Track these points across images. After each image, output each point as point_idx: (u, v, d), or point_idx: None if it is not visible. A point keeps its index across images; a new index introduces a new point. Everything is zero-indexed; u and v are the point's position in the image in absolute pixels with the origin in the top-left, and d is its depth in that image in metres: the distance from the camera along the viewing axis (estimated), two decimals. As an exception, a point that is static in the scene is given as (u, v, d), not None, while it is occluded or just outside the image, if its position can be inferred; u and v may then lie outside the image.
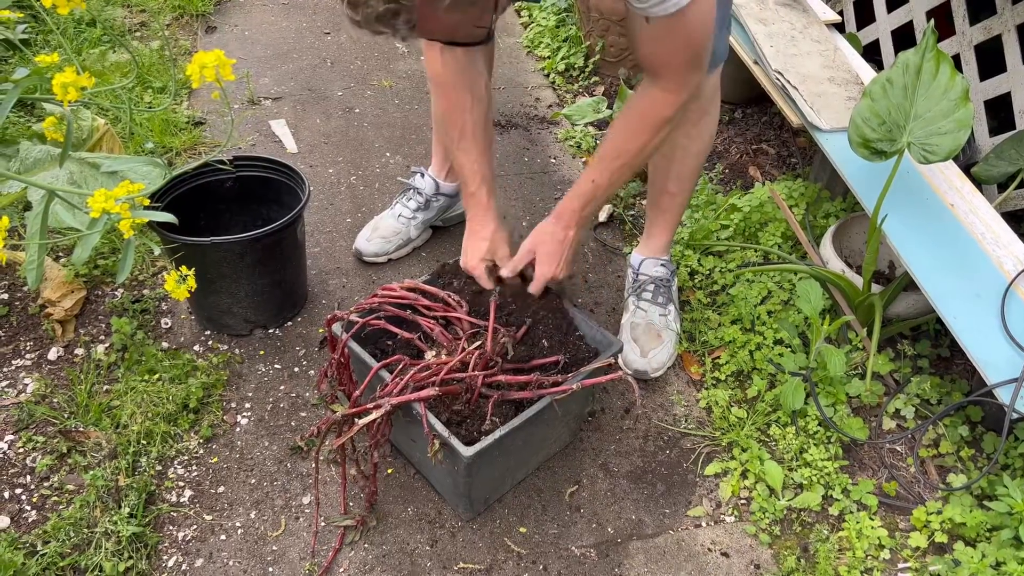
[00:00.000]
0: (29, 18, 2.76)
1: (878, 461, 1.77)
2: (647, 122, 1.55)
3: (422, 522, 1.61)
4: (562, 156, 2.66)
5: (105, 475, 1.59)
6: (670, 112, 1.53)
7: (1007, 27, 2.09)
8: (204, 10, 3.26)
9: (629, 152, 1.58)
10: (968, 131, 1.70)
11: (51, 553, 1.47)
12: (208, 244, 1.75)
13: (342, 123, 2.75)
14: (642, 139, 1.56)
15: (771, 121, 2.78)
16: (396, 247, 2.19)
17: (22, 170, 1.68)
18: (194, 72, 1.32)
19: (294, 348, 1.95)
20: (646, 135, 1.56)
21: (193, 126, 2.62)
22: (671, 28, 1.39)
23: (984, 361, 1.62)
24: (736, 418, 1.83)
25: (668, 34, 1.41)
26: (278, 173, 1.97)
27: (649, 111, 1.55)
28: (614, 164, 1.60)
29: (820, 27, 2.40)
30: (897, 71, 1.77)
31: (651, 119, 1.55)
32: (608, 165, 1.61)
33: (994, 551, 1.54)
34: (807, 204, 2.32)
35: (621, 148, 1.59)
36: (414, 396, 1.41)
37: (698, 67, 1.50)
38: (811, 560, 1.59)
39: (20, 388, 1.79)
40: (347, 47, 3.19)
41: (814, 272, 1.95)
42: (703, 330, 2.02)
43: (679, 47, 1.44)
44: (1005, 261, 1.76)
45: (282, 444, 1.74)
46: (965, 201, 1.89)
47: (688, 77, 1.49)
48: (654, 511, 1.67)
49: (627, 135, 1.58)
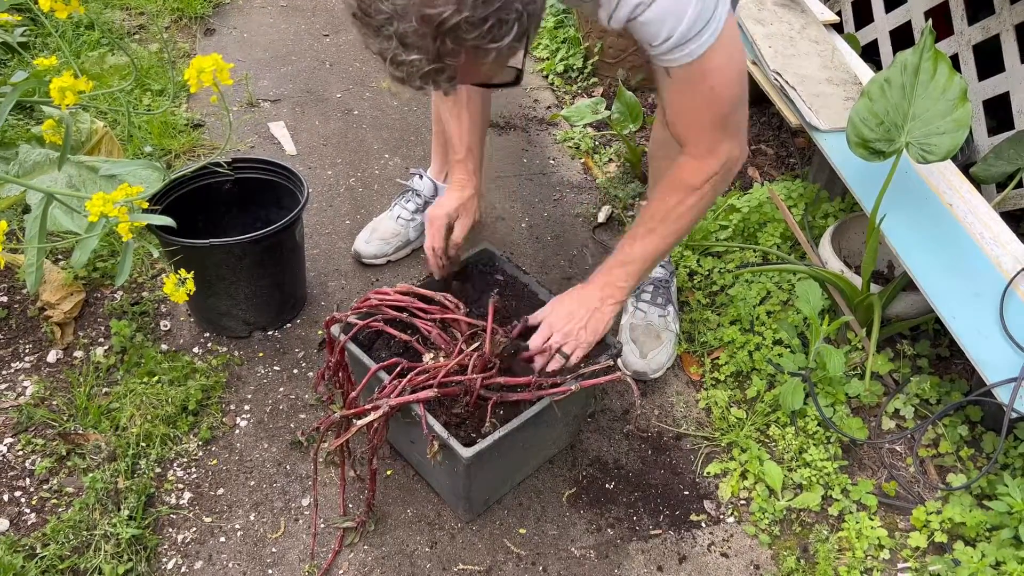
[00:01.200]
0: (28, 21, 2.77)
1: (877, 461, 1.77)
2: (673, 189, 1.50)
3: (422, 523, 1.61)
4: (561, 157, 2.66)
5: (104, 477, 1.59)
6: (696, 181, 1.47)
7: (1005, 27, 2.09)
8: (203, 12, 3.26)
9: (655, 219, 1.53)
10: (966, 131, 1.70)
11: (50, 556, 1.48)
12: (207, 246, 1.75)
13: (341, 125, 2.75)
14: (668, 205, 1.51)
15: (770, 121, 2.78)
16: (395, 249, 2.19)
17: (21, 173, 1.68)
18: (192, 77, 1.33)
19: (293, 350, 1.95)
20: (672, 201, 1.51)
21: (192, 128, 2.62)
22: (691, 82, 1.35)
23: (983, 361, 1.62)
24: (735, 419, 1.83)
25: (689, 89, 1.37)
26: (277, 175, 1.97)
27: (676, 178, 1.50)
28: (641, 231, 1.55)
29: (818, 28, 2.41)
30: (895, 71, 1.77)
31: (677, 186, 1.49)
32: (636, 232, 1.56)
33: (994, 551, 1.53)
34: (806, 204, 2.32)
35: (649, 215, 1.55)
36: (413, 398, 1.41)
37: (728, 132, 1.43)
38: (811, 560, 1.59)
39: (19, 391, 1.80)
40: (346, 49, 3.19)
41: (813, 272, 1.95)
42: (702, 331, 2.02)
43: (702, 105, 1.39)
44: (1004, 261, 1.76)
45: (281, 446, 1.74)
46: (963, 201, 1.89)
47: (715, 142, 1.43)
48: (653, 512, 1.66)
49: (656, 202, 1.54)
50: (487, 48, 1.07)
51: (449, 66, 1.08)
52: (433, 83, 1.11)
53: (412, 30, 1.03)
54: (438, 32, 1.03)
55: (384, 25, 1.04)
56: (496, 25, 1.05)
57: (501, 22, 1.05)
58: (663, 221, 1.53)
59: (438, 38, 1.04)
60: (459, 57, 1.07)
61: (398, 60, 1.07)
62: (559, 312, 1.57)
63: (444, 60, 1.07)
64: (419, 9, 1.01)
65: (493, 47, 1.07)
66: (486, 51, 1.08)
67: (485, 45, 1.07)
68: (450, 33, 1.03)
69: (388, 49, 1.07)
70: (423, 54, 1.06)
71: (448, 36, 1.04)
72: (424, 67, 1.07)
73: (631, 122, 2.44)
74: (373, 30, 1.06)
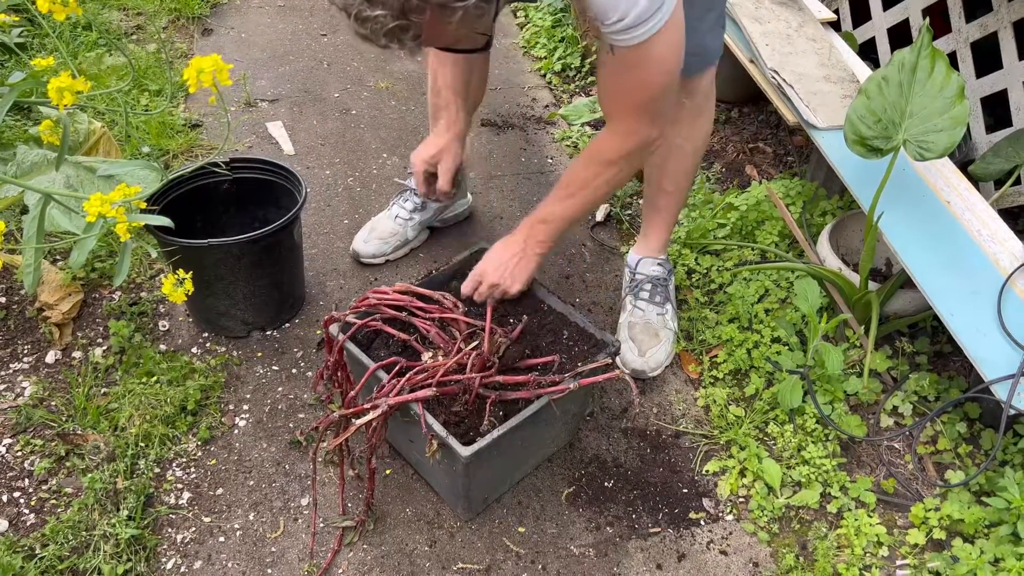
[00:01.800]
0: (25, 22, 2.76)
1: (876, 458, 1.78)
2: (591, 160, 1.57)
3: (421, 522, 1.61)
4: (559, 156, 2.66)
5: (103, 478, 1.59)
6: (613, 156, 1.52)
7: (1003, 24, 2.09)
8: (200, 13, 3.26)
9: (573, 186, 1.59)
10: (963, 128, 1.70)
11: (49, 556, 1.48)
12: (205, 246, 1.75)
13: (339, 125, 2.75)
14: (586, 176, 1.58)
15: (767, 120, 2.79)
16: (394, 248, 2.20)
17: (19, 174, 1.68)
18: (192, 77, 1.33)
19: (292, 350, 1.95)
20: (589, 173, 1.57)
21: (190, 128, 2.62)
22: (629, 64, 1.38)
23: (981, 358, 1.62)
24: (734, 416, 1.83)
25: (625, 70, 1.40)
26: (275, 175, 1.97)
27: (595, 150, 1.56)
28: (561, 194, 1.61)
29: (816, 25, 2.41)
30: (893, 69, 1.77)
31: (595, 158, 1.56)
32: (557, 194, 1.62)
33: (992, 547, 1.54)
34: (804, 202, 2.32)
35: (568, 180, 1.61)
36: (411, 397, 1.41)
37: (652, 120, 1.47)
38: (810, 558, 1.59)
39: (18, 391, 1.79)
40: (343, 49, 3.19)
41: (811, 270, 1.95)
42: (701, 329, 2.02)
43: (632, 88, 1.43)
44: (1001, 258, 1.76)
45: (280, 446, 1.74)
46: (961, 198, 1.89)
47: (639, 125, 1.47)
48: (652, 510, 1.67)
49: (576, 169, 1.60)
50: (452, 7, 1.06)
51: (414, 23, 1.07)
52: (398, 41, 1.09)
53: None
54: None
55: None
56: None
57: None
58: (582, 188, 1.59)
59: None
60: (424, 14, 1.06)
61: (362, 16, 1.06)
62: (489, 260, 1.65)
63: (409, 17, 1.06)
64: None
65: (459, 5, 1.06)
66: (452, 9, 1.06)
67: (451, 3, 1.05)
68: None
69: (353, 4, 1.05)
70: (387, 9, 1.04)
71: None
72: (388, 23, 1.06)
73: (629, 121, 2.43)
74: None
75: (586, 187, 1.59)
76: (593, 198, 1.62)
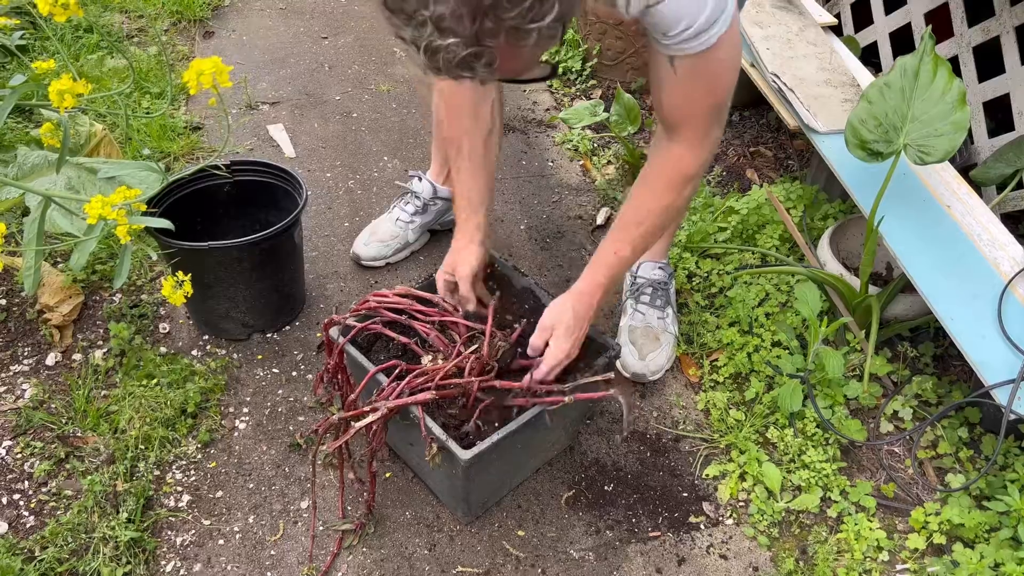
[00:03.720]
0: (27, 24, 2.77)
1: (876, 463, 1.77)
2: (669, 183, 1.48)
3: (420, 526, 1.61)
4: (559, 159, 2.66)
5: (103, 480, 1.59)
6: (692, 170, 1.46)
7: (1005, 28, 2.09)
8: (202, 15, 3.27)
9: (652, 215, 1.50)
10: (964, 134, 1.70)
11: (49, 559, 1.47)
12: (206, 249, 1.75)
13: (340, 127, 2.75)
14: (664, 201, 1.49)
15: (768, 124, 2.79)
16: (394, 251, 2.20)
17: (19, 175, 1.68)
18: (192, 79, 1.33)
19: (292, 352, 1.95)
20: (669, 197, 1.49)
21: (191, 131, 2.62)
22: (697, 70, 1.34)
23: (981, 362, 1.62)
24: (734, 420, 1.83)
25: (694, 78, 1.35)
26: (276, 178, 1.97)
27: (671, 171, 1.47)
28: (636, 232, 1.51)
29: (816, 30, 2.41)
30: (895, 75, 1.78)
31: (673, 179, 1.47)
32: (631, 234, 1.52)
33: (993, 552, 1.54)
34: (804, 206, 2.32)
35: (643, 214, 1.51)
36: (411, 400, 1.41)
37: (720, 120, 1.44)
38: (810, 562, 1.59)
39: (18, 393, 1.79)
40: (344, 52, 3.19)
41: (812, 274, 1.95)
42: (701, 332, 2.02)
43: (703, 94, 1.38)
44: (1002, 262, 1.76)
45: (280, 448, 1.74)
46: (962, 203, 1.89)
47: (711, 130, 1.43)
48: (652, 514, 1.66)
49: (648, 199, 1.50)
50: (527, 28, 1.01)
51: (488, 49, 1.02)
52: (470, 70, 1.04)
53: (449, 11, 0.96)
54: (477, 11, 0.96)
55: (418, 10, 0.97)
56: (537, 2, 0.98)
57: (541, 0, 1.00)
58: (660, 216, 1.51)
59: (477, 18, 0.97)
60: (498, 38, 1.01)
61: (433, 47, 1.00)
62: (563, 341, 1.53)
63: (483, 42, 1.00)
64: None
65: (533, 27, 1.01)
66: (526, 32, 1.01)
67: (525, 25, 1.00)
68: (490, 11, 0.97)
69: (422, 36, 1.00)
70: (460, 37, 0.98)
71: (488, 15, 0.98)
72: (461, 52, 1.00)
73: (630, 124, 2.44)
74: (406, 17, 0.99)
75: (664, 213, 1.51)
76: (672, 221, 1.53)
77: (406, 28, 1.01)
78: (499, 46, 1.01)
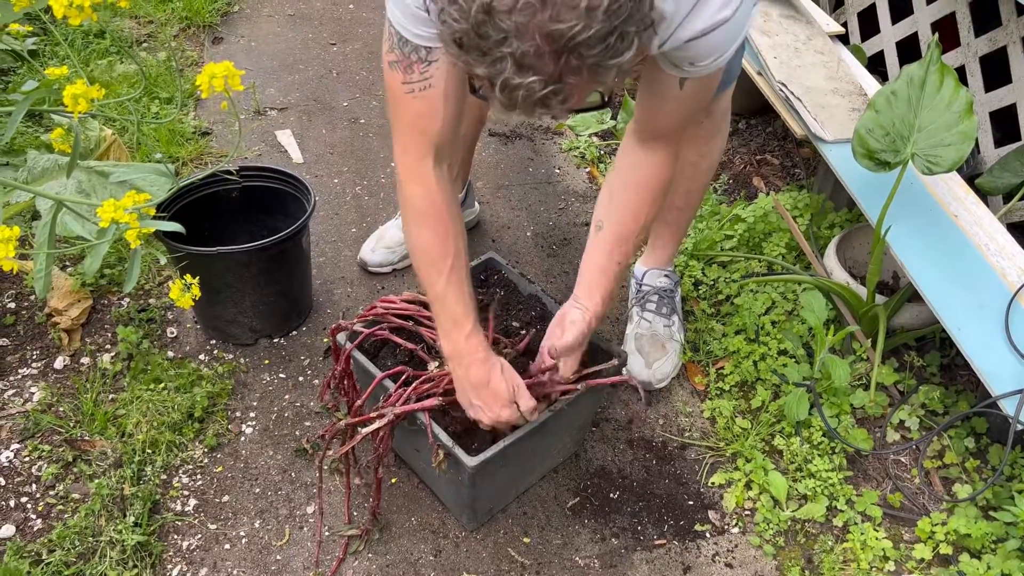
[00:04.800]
0: (39, 30, 2.79)
1: (883, 472, 1.77)
2: (661, 190, 1.49)
3: (426, 532, 1.61)
4: (566, 166, 2.67)
5: (110, 484, 1.60)
6: (672, 172, 1.48)
7: (1012, 39, 2.09)
8: (211, 21, 3.28)
9: (643, 225, 1.51)
10: (972, 143, 1.70)
11: (56, 562, 1.48)
12: (214, 254, 1.76)
13: (348, 133, 2.76)
14: (655, 210, 1.51)
15: (775, 132, 2.79)
16: (400, 257, 2.20)
17: (30, 179, 1.69)
18: (204, 82, 1.34)
19: (299, 357, 1.95)
20: (657, 206, 1.50)
21: (200, 136, 2.63)
22: (699, 87, 1.34)
23: (988, 372, 1.62)
24: (740, 428, 1.82)
25: (696, 94, 1.36)
26: (284, 183, 1.98)
27: (657, 178, 1.47)
28: (633, 243, 1.51)
29: (824, 39, 2.41)
30: (901, 84, 1.78)
31: (663, 187, 1.49)
32: (628, 245, 1.50)
33: (999, 562, 1.53)
34: (811, 215, 2.32)
35: (640, 225, 1.50)
36: (417, 406, 1.41)
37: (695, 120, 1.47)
38: (815, 571, 1.58)
39: (26, 397, 1.80)
40: (353, 58, 3.20)
41: (818, 283, 1.95)
42: (707, 340, 2.02)
43: (697, 107, 1.40)
44: (1009, 272, 1.76)
45: (287, 453, 1.74)
46: (969, 212, 1.89)
47: (678, 142, 1.46)
48: (658, 522, 1.66)
49: (642, 209, 1.49)
50: (607, 65, 0.97)
51: (568, 85, 0.97)
52: (546, 107, 1.00)
53: (533, 49, 0.91)
54: (562, 50, 0.92)
55: (498, 46, 0.92)
56: (619, 39, 0.95)
57: (623, 36, 0.95)
58: (649, 222, 1.53)
59: (561, 56, 0.93)
60: (581, 75, 0.97)
61: (511, 84, 0.94)
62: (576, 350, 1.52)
63: (564, 80, 0.96)
64: (544, 26, 0.90)
65: (614, 63, 0.97)
66: (606, 69, 0.97)
67: (606, 62, 0.96)
68: (574, 51, 0.93)
69: (499, 73, 0.94)
70: (540, 75, 0.94)
71: (572, 54, 0.93)
72: (540, 90, 0.95)
73: (637, 132, 2.44)
74: (482, 53, 0.94)
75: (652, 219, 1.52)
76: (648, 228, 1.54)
77: (481, 65, 0.96)
78: (579, 83, 0.98)
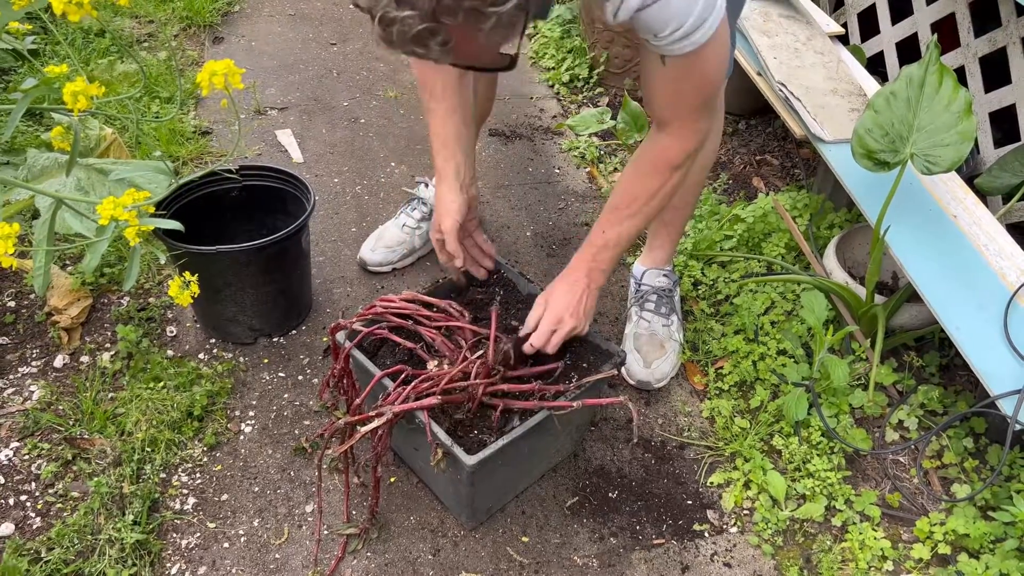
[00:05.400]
0: (39, 30, 2.79)
1: (881, 472, 1.77)
2: (656, 170, 1.51)
3: (424, 531, 1.61)
4: (566, 167, 2.67)
5: (109, 482, 1.60)
6: (679, 159, 1.49)
7: (1012, 39, 2.10)
8: (211, 21, 3.29)
9: (638, 201, 1.54)
10: (970, 144, 1.70)
11: (55, 560, 1.48)
12: (213, 253, 1.76)
13: (348, 133, 2.76)
14: (651, 187, 1.52)
15: (775, 132, 2.79)
16: (400, 257, 2.20)
17: (29, 177, 1.69)
18: (204, 79, 1.33)
19: (298, 356, 1.95)
20: (655, 183, 1.52)
21: (200, 136, 2.63)
22: (687, 68, 1.35)
23: (987, 372, 1.62)
24: (739, 428, 1.82)
25: (684, 75, 1.37)
26: (284, 182, 1.98)
27: (659, 159, 1.50)
28: (623, 214, 1.55)
29: (823, 39, 2.41)
30: (900, 84, 1.78)
31: (660, 167, 1.51)
32: (618, 215, 1.56)
33: (998, 562, 1.53)
34: (810, 215, 2.32)
35: (629, 198, 1.55)
36: (416, 405, 1.41)
37: (709, 113, 1.46)
38: (814, 571, 1.58)
39: (26, 395, 1.80)
40: (353, 58, 3.21)
41: (817, 283, 1.95)
42: (706, 340, 2.02)
43: (692, 90, 1.41)
44: (1008, 272, 1.76)
45: (286, 452, 1.74)
46: (968, 212, 1.89)
47: (699, 123, 1.46)
48: (656, 521, 1.66)
49: (635, 184, 1.54)
50: (486, 12, 1.00)
51: (443, 26, 1.00)
52: (424, 46, 1.03)
53: None
54: None
55: None
56: None
57: None
58: (647, 203, 1.54)
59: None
60: (456, 17, 1.00)
61: (388, 17, 0.99)
62: (558, 306, 1.57)
63: (439, 19, 0.98)
64: None
65: (492, 11, 1.00)
66: (485, 15, 1.00)
67: (484, 8, 1.00)
68: None
69: (378, 5, 0.99)
70: (417, 10, 0.97)
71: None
72: (416, 26, 0.98)
73: (636, 132, 2.44)
74: None
75: (651, 200, 1.53)
76: (658, 208, 1.56)
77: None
78: (456, 26, 1.00)
